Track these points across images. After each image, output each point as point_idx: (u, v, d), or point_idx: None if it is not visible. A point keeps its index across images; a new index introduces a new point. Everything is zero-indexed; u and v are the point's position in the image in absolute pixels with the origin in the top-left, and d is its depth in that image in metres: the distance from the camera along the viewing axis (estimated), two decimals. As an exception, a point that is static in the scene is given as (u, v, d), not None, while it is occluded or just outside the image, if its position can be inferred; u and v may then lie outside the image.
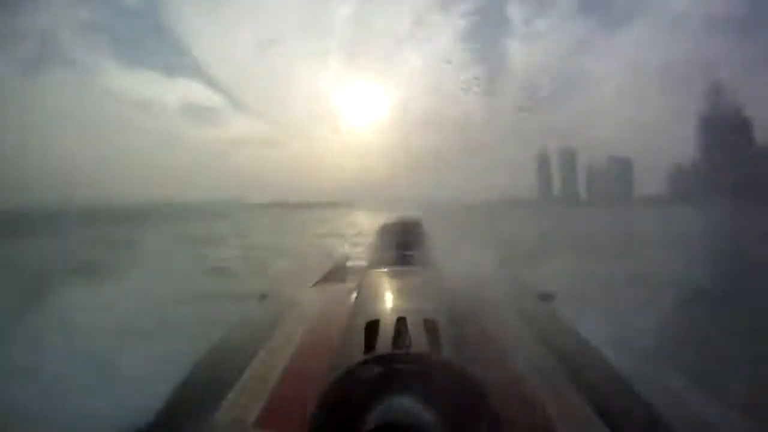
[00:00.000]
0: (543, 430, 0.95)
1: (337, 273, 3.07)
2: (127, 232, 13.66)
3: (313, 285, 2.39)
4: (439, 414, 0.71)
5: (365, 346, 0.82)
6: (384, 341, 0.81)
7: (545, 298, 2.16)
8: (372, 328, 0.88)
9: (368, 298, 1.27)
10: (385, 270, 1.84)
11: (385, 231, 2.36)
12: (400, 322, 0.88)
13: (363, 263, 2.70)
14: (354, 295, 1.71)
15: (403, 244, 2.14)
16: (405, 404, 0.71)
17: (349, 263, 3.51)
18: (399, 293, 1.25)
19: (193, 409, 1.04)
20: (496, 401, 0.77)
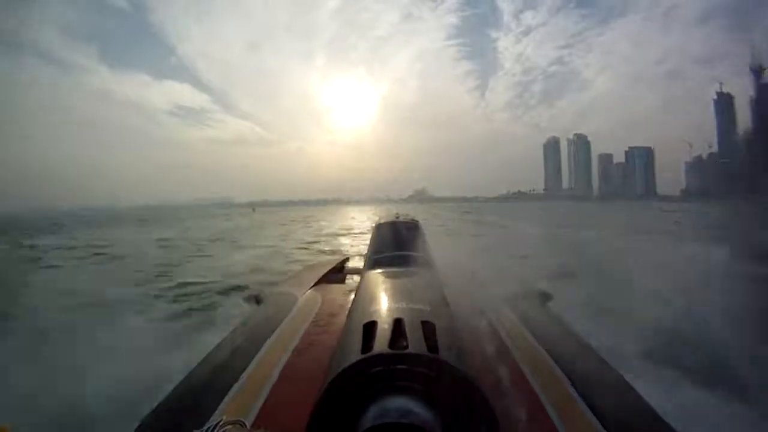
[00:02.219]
0: (541, 429, 0.96)
1: (335, 273, 3.07)
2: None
3: (313, 285, 2.39)
4: (436, 414, 0.71)
5: (363, 347, 0.82)
6: (381, 342, 0.82)
7: (544, 297, 2.15)
8: (369, 328, 0.88)
9: (366, 298, 1.28)
10: (383, 271, 1.84)
11: (382, 231, 2.35)
12: (398, 323, 0.88)
13: (361, 263, 2.70)
14: (352, 295, 1.71)
15: (400, 245, 2.14)
16: (402, 404, 0.71)
17: (348, 264, 3.52)
18: (396, 294, 1.25)
19: (192, 408, 1.04)
20: (493, 401, 0.78)
